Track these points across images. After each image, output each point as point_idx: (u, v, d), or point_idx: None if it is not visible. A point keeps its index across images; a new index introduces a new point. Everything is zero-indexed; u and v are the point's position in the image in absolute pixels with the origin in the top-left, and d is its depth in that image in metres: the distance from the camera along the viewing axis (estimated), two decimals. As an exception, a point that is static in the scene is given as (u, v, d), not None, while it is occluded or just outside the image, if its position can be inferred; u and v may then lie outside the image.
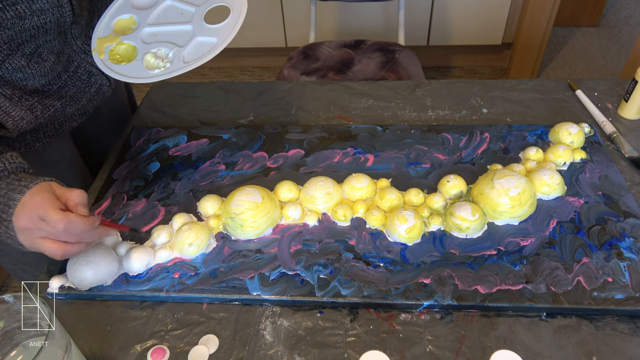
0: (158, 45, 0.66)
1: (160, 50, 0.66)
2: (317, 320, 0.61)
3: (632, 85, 0.85)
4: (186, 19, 0.68)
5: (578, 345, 0.57)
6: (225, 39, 0.65)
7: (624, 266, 0.63)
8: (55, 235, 0.55)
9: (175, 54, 0.65)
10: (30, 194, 0.55)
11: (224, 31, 0.66)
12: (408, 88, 0.99)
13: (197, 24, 0.68)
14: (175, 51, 0.66)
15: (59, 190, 0.58)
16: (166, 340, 0.60)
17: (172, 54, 0.65)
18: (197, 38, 0.66)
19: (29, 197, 0.55)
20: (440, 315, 0.61)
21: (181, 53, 0.65)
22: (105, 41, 0.67)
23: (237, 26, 0.65)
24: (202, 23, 0.68)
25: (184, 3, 0.70)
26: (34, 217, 0.54)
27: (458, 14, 2.14)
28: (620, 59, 2.36)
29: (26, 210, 0.55)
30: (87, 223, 0.56)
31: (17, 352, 0.51)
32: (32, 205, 0.55)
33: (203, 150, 0.85)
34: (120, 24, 0.69)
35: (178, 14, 0.69)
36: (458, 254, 0.66)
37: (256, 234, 0.69)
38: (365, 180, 0.74)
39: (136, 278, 0.65)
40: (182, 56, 0.65)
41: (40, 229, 0.55)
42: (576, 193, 0.73)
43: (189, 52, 0.66)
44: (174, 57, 0.65)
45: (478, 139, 0.83)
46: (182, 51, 0.65)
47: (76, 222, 0.55)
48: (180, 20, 0.69)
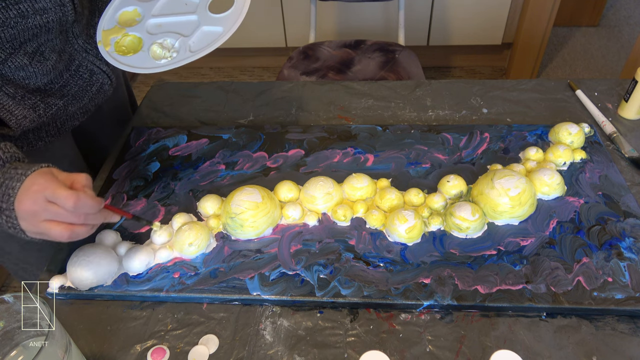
0: (164, 36, 0.66)
1: (167, 41, 0.66)
2: (317, 320, 0.61)
3: (632, 85, 0.85)
4: (190, 10, 0.68)
5: (578, 345, 0.57)
6: (231, 27, 0.65)
7: (624, 266, 0.63)
8: (61, 215, 0.54)
9: (181, 44, 0.65)
10: (32, 178, 0.55)
11: (230, 20, 0.66)
12: (408, 88, 0.99)
13: (202, 14, 0.68)
14: (181, 41, 0.66)
15: (62, 175, 0.57)
16: (166, 340, 0.60)
17: (178, 43, 0.65)
18: (202, 27, 0.66)
19: (31, 181, 0.55)
20: (440, 315, 0.61)
21: (187, 43, 0.65)
22: (110, 33, 0.67)
23: (242, 14, 0.65)
24: (207, 13, 0.68)
25: None
26: (39, 198, 0.54)
27: (458, 14, 2.14)
28: (620, 59, 2.36)
29: (30, 193, 0.54)
30: (96, 201, 0.56)
31: (17, 352, 0.51)
32: (36, 187, 0.54)
33: (203, 150, 0.85)
34: (124, 16, 0.69)
35: (182, 5, 0.69)
36: (458, 254, 0.66)
37: (256, 234, 0.69)
38: (365, 180, 0.74)
39: (136, 278, 0.65)
40: (188, 45, 0.65)
41: (46, 210, 0.54)
42: (576, 193, 0.73)
43: (195, 42, 0.66)
44: (180, 47, 0.65)
45: (478, 139, 0.83)
46: (188, 41, 0.65)
47: (85, 199, 0.54)
48: (184, 10, 0.69)
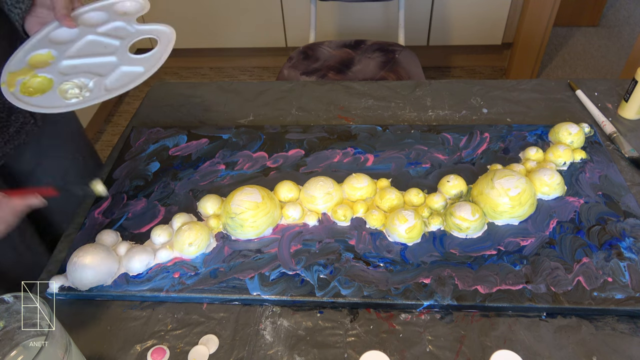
0: (77, 77, 0.62)
1: (80, 81, 0.62)
2: (317, 320, 0.61)
3: (632, 85, 0.85)
4: (110, 52, 0.65)
5: (578, 345, 0.57)
6: (153, 66, 0.62)
7: (624, 266, 0.63)
8: None
9: (96, 84, 0.61)
10: None
11: (151, 60, 0.63)
12: (408, 88, 0.99)
13: (122, 55, 0.65)
14: (96, 81, 0.62)
15: None
16: (166, 340, 0.60)
17: (92, 83, 0.61)
18: (121, 68, 0.63)
19: None
20: (440, 315, 0.61)
21: (103, 82, 0.62)
22: (17, 75, 0.62)
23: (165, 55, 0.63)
24: (127, 54, 0.65)
25: (108, 37, 0.67)
26: None
27: (458, 14, 2.14)
28: (620, 59, 2.36)
29: None
30: None
31: (17, 352, 0.51)
32: None
33: (203, 150, 0.85)
34: (36, 59, 0.64)
35: (101, 48, 0.66)
36: (458, 254, 0.66)
37: (256, 234, 0.69)
38: (365, 180, 0.74)
39: (136, 278, 0.65)
40: (104, 85, 0.61)
41: None
42: (576, 193, 0.73)
43: (112, 81, 0.62)
44: (95, 86, 0.61)
45: (478, 139, 0.83)
46: (104, 80, 0.62)
47: None
48: (103, 52, 0.66)
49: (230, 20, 2.25)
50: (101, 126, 2.22)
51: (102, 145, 2.12)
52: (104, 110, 2.23)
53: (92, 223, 0.73)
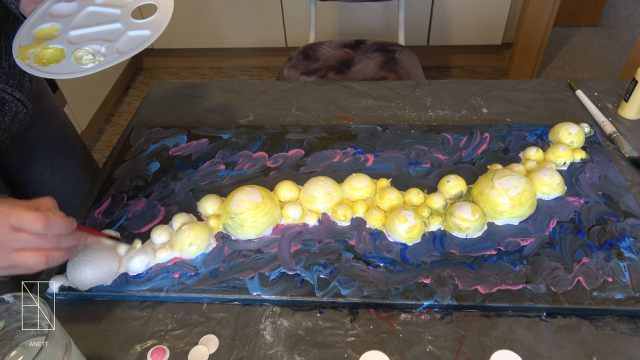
0: (88, 44, 0.63)
1: (92, 48, 0.63)
2: (317, 320, 0.61)
3: (632, 85, 0.85)
4: (112, 20, 0.66)
5: (578, 345, 0.57)
6: (159, 27, 0.63)
7: (624, 266, 0.63)
8: (32, 242, 0.51)
9: (108, 48, 0.62)
10: None
11: (156, 23, 0.64)
12: (408, 88, 0.99)
13: (126, 21, 0.65)
14: (107, 46, 0.63)
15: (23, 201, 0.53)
16: (166, 340, 0.60)
17: (104, 48, 0.62)
18: (128, 33, 0.64)
19: None
20: (440, 315, 0.61)
21: (114, 47, 0.62)
22: (27, 49, 0.63)
23: (168, 17, 0.64)
24: (131, 19, 0.66)
25: (107, 6, 0.67)
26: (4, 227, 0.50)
27: (458, 14, 2.14)
28: (620, 59, 2.36)
29: None
30: (67, 221, 0.53)
31: (17, 352, 0.51)
32: None
33: (203, 150, 0.85)
34: (41, 33, 0.65)
35: (103, 17, 0.67)
36: (458, 254, 0.66)
37: (256, 234, 0.69)
38: (365, 180, 0.74)
39: (136, 278, 0.65)
40: (115, 49, 0.62)
41: (14, 239, 0.50)
42: (576, 193, 0.73)
43: (122, 45, 0.63)
44: (108, 51, 0.62)
45: (478, 139, 0.83)
46: (115, 45, 0.63)
47: (56, 219, 0.51)
48: (106, 20, 0.66)
49: (230, 20, 2.25)
50: (101, 126, 2.22)
51: (102, 145, 2.13)
52: (104, 110, 2.23)
53: (92, 223, 0.73)
